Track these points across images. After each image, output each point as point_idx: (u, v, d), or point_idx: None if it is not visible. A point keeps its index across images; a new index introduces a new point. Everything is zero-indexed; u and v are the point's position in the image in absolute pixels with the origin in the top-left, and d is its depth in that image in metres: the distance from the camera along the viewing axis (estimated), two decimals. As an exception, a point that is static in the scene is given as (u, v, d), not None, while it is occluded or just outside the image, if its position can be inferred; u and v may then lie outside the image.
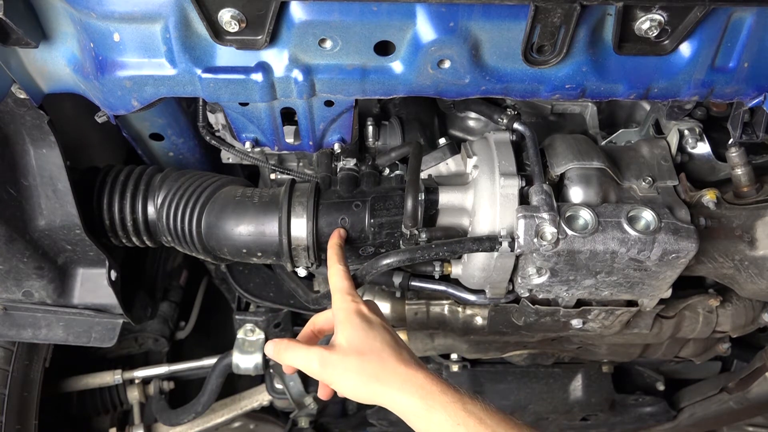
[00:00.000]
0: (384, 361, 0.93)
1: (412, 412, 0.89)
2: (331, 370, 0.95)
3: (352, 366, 0.93)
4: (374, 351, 0.94)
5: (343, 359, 0.94)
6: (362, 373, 0.93)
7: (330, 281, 1.06)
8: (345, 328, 0.97)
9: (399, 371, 0.92)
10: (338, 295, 1.02)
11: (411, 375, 0.91)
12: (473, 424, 0.85)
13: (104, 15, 0.89)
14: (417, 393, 0.89)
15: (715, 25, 0.94)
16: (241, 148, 1.21)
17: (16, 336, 1.26)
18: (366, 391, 0.93)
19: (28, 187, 1.10)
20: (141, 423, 1.91)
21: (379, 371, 0.92)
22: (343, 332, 0.97)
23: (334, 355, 0.95)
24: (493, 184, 1.11)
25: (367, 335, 0.96)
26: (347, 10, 0.89)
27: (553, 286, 1.15)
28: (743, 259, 1.19)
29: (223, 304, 2.01)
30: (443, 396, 0.88)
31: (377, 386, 0.91)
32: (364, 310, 1.00)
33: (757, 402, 1.68)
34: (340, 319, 0.99)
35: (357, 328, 0.97)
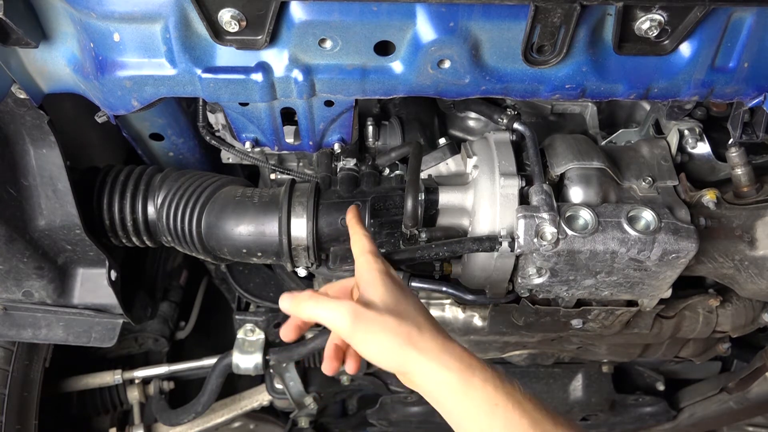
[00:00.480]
0: (421, 327, 0.83)
1: (447, 387, 0.81)
2: (364, 326, 0.82)
3: (388, 325, 0.82)
4: (410, 316, 0.84)
5: (380, 316, 0.83)
6: (399, 335, 0.82)
7: (354, 247, 0.95)
8: (377, 287, 0.86)
9: (437, 341, 0.82)
10: (364, 257, 0.91)
11: (449, 347, 0.82)
12: (511, 407, 0.78)
13: (104, 15, 0.89)
14: (455, 365, 0.80)
15: (715, 25, 0.94)
16: (241, 148, 1.21)
17: (16, 336, 1.26)
18: (399, 355, 0.82)
19: (28, 187, 1.10)
20: (141, 423, 1.91)
21: (416, 336, 0.82)
22: (375, 291, 0.86)
23: (370, 312, 0.83)
24: (493, 184, 1.11)
25: (400, 299, 0.86)
26: (347, 10, 0.89)
27: (553, 286, 1.15)
28: (743, 259, 1.19)
29: (223, 304, 2.01)
30: (482, 373, 0.80)
31: (413, 352, 0.81)
32: (393, 272, 0.91)
33: (757, 402, 1.68)
34: (368, 279, 0.88)
35: (390, 289, 0.86)
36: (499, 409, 0.78)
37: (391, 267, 0.93)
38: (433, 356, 0.81)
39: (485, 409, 0.79)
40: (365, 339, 0.83)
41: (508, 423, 0.78)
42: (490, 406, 0.79)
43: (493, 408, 0.79)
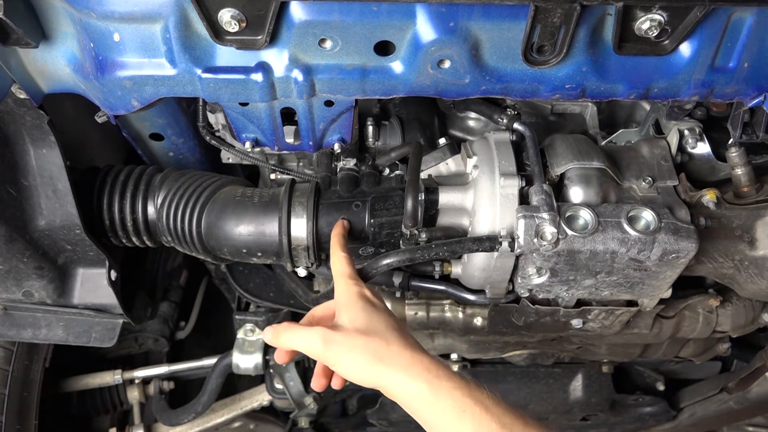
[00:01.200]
0: (389, 342, 0.90)
1: (417, 397, 0.87)
2: (334, 348, 0.91)
3: (357, 345, 0.90)
4: (379, 333, 0.91)
5: (348, 338, 0.91)
6: (367, 353, 0.89)
7: (333, 268, 1.04)
8: (348, 310, 0.95)
9: (404, 354, 0.89)
10: (341, 280, 1.00)
11: (417, 359, 0.89)
12: (478, 412, 0.83)
13: (104, 15, 0.89)
14: (423, 376, 0.87)
15: (715, 25, 0.94)
16: (241, 148, 1.21)
17: (16, 336, 1.26)
18: (370, 372, 0.89)
19: (28, 187, 1.10)
20: (141, 423, 1.91)
21: (384, 352, 0.89)
22: (346, 314, 0.94)
23: (338, 334, 0.92)
24: (493, 184, 1.11)
25: (371, 317, 0.93)
26: (347, 10, 0.89)
27: (553, 286, 1.15)
28: (743, 259, 1.19)
29: (223, 304, 2.01)
30: (449, 381, 0.86)
31: (382, 367, 0.88)
32: (367, 293, 0.98)
33: (757, 402, 1.68)
34: (342, 301, 0.97)
35: (360, 310, 0.94)
36: (467, 414, 0.83)
37: (365, 287, 0.99)
38: (401, 369, 0.88)
39: (454, 415, 0.84)
40: (337, 360, 0.91)
41: (476, 427, 0.83)
42: (458, 412, 0.84)
43: (461, 414, 0.84)
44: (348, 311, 0.95)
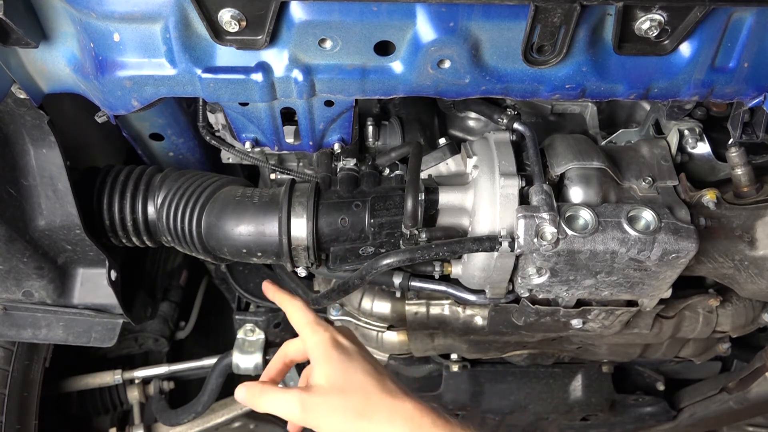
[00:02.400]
0: (368, 394, 0.89)
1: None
2: (314, 413, 0.90)
3: (335, 406, 0.89)
4: (356, 385, 0.90)
5: (326, 400, 0.89)
6: (347, 412, 0.88)
7: (292, 320, 1.02)
8: (322, 365, 0.93)
9: (385, 403, 0.88)
10: (307, 329, 0.98)
11: (398, 406, 0.88)
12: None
13: (104, 15, 0.89)
14: (406, 425, 0.86)
15: (715, 25, 0.94)
16: (241, 148, 1.21)
17: (16, 336, 1.26)
18: (353, 429, 0.88)
19: (28, 187, 1.10)
20: (141, 423, 1.91)
21: (363, 407, 0.88)
22: (321, 370, 0.93)
23: (316, 397, 0.90)
24: (493, 184, 1.11)
25: (347, 369, 0.92)
26: (347, 10, 0.89)
27: (553, 286, 1.15)
28: (743, 259, 1.19)
29: (223, 304, 2.01)
30: (434, 428, 0.86)
31: (364, 423, 0.88)
32: (339, 339, 0.96)
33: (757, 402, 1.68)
34: (316, 356, 0.95)
35: (335, 363, 0.92)
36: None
37: (334, 330, 0.97)
38: (384, 421, 0.87)
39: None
40: (318, 424, 0.90)
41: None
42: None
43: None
44: (323, 367, 0.92)
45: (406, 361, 1.75)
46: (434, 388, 1.87)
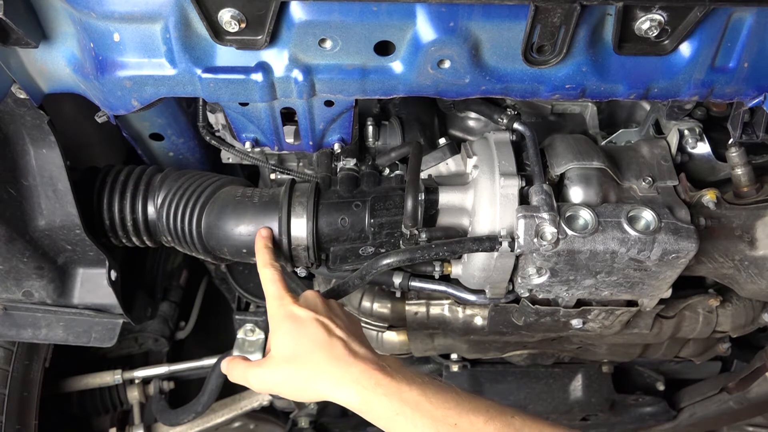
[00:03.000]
0: (315, 363, 0.94)
1: (352, 406, 0.92)
2: (268, 384, 0.98)
3: (286, 375, 0.96)
4: (305, 354, 0.96)
5: (277, 370, 0.97)
6: (298, 379, 0.95)
7: (263, 287, 1.06)
8: (274, 336, 1.00)
9: (331, 370, 0.93)
10: (270, 302, 1.03)
11: (344, 371, 0.93)
12: (410, 412, 0.88)
13: (104, 15, 0.89)
14: (352, 388, 0.91)
15: (715, 25, 0.94)
16: (241, 148, 1.21)
17: (16, 336, 1.26)
18: (307, 393, 0.95)
19: (28, 187, 1.10)
20: (141, 423, 1.91)
21: (312, 374, 0.94)
22: (273, 341, 0.99)
23: (268, 369, 0.98)
24: (493, 184, 1.11)
25: (296, 339, 0.97)
26: (347, 10, 0.89)
27: (553, 286, 1.15)
28: (743, 259, 1.19)
29: (223, 304, 2.01)
30: (378, 388, 0.90)
31: (315, 387, 0.94)
32: (294, 311, 1.00)
33: (757, 402, 1.68)
34: (271, 327, 1.01)
35: (285, 334, 0.98)
36: (400, 417, 0.88)
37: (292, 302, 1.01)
38: (332, 386, 0.93)
39: (389, 418, 0.90)
40: (277, 391, 0.98)
41: (410, 427, 0.88)
42: (391, 415, 0.89)
43: (394, 417, 0.89)
44: (275, 338, 0.99)
45: (406, 361, 1.75)
46: (434, 388, 1.87)
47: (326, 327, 0.98)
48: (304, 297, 1.05)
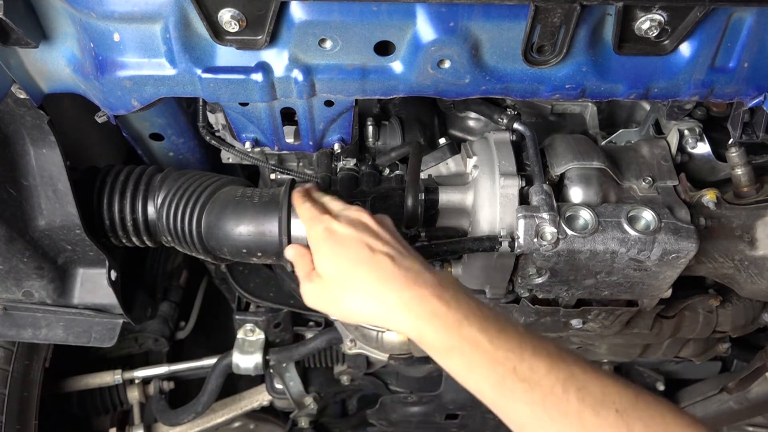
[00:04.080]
0: (360, 284, 0.87)
1: (405, 332, 0.85)
2: (319, 305, 0.92)
3: (333, 298, 0.90)
4: (347, 276, 0.88)
5: (323, 292, 0.91)
6: (346, 303, 0.88)
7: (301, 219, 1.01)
8: (316, 257, 0.92)
9: (379, 292, 0.86)
10: (307, 224, 0.97)
11: (395, 295, 0.85)
12: (468, 349, 0.80)
13: (104, 15, 0.89)
14: (403, 315, 0.84)
15: (715, 25, 0.94)
16: (241, 148, 1.21)
17: (16, 336, 1.26)
18: (359, 318, 0.89)
19: (28, 187, 1.10)
20: (141, 423, 1.91)
21: (359, 297, 0.87)
22: (317, 263, 0.92)
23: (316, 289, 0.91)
24: (493, 184, 1.11)
25: (337, 260, 0.90)
26: (347, 10, 0.89)
27: (553, 286, 1.15)
28: (743, 259, 1.19)
29: (223, 304, 2.01)
30: (434, 319, 0.82)
31: (365, 312, 0.87)
32: (333, 227, 0.92)
33: (757, 402, 1.68)
34: (312, 249, 0.94)
35: (325, 256, 0.91)
36: (456, 352, 0.81)
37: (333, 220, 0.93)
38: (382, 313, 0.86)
39: (442, 352, 0.83)
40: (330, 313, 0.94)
41: (466, 364, 0.81)
42: (446, 349, 0.82)
43: (449, 351, 0.82)
44: (316, 260, 0.92)
45: (406, 361, 1.75)
46: (434, 388, 1.88)
47: (368, 244, 0.89)
48: (345, 213, 0.96)
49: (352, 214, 0.95)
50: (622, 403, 0.76)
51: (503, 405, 0.80)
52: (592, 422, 0.75)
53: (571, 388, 0.77)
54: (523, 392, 0.78)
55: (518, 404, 0.78)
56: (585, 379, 0.78)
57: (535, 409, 0.77)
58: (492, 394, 0.80)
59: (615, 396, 0.77)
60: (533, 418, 0.77)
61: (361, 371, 1.86)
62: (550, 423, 0.76)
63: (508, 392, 0.78)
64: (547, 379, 0.78)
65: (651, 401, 0.77)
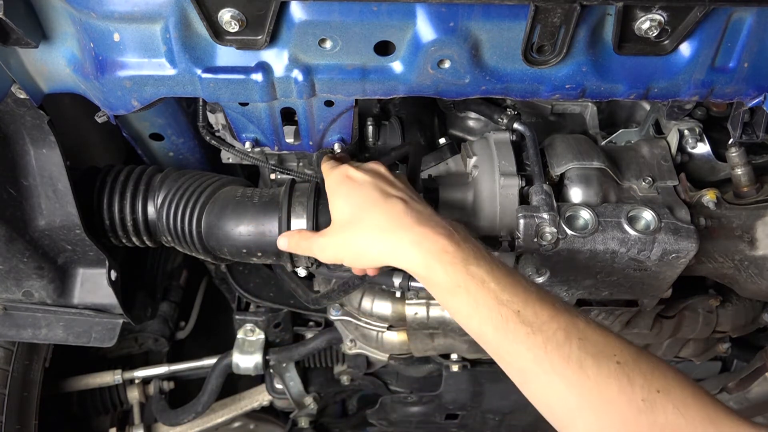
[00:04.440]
0: (373, 222, 0.90)
1: (414, 271, 0.86)
2: (331, 252, 0.95)
3: (346, 239, 0.92)
4: (361, 214, 0.91)
5: (336, 236, 0.94)
6: (357, 242, 0.91)
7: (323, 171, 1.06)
8: (333, 202, 0.97)
9: (391, 229, 0.88)
10: (325, 172, 1.03)
11: (406, 231, 0.87)
12: (474, 288, 0.81)
13: (104, 15, 0.89)
14: (414, 251, 0.85)
15: (715, 25, 0.94)
16: (241, 148, 1.21)
17: (16, 336, 1.26)
18: (368, 257, 0.91)
19: (28, 187, 1.10)
20: (141, 423, 1.91)
21: (371, 235, 0.89)
22: (333, 208, 0.97)
23: (328, 237, 0.95)
24: (493, 184, 1.11)
25: (352, 200, 0.94)
26: (347, 10, 0.89)
27: (553, 286, 1.15)
28: (743, 259, 1.19)
29: (223, 304, 2.01)
30: (444, 255, 0.83)
31: (376, 250, 0.89)
32: (350, 173, 0.97)
33: (757, 402, 1.68)
34: (328, 193, 1.00)
35: (341, 198, 0.95)
36: (462, 290, 0.82)
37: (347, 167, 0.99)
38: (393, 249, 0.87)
39: (448, 289, 0.83)
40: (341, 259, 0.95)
41: (471, 302, 0.81)
42: (452, 287, 0.82)
43: (455, 289, 0.82)
44: (332, 204, 0.97)
45: (406, 361, 1.75)
46: (434, 388, 1.88)
47: (382, 189, 0.93)
48: (363, 165, 1.01)
49: (370, 164, 1.00)
50: (624, 357, 0.76)
51: (505, 348, 0.80)
52: (593, 370, 0.75)
53: (573, 336, 0.77)
54: (526, 336, 0.77)
55: (520, 347, 0.78)
56: (587, 330, 0.78)
57: (537, 353, 0.77)
58: (494, 336, 0.80)
59: (617, 349, 0.77)
60: (534, 363, 0.77)
61: (361, 371, 1.86)
62: (551, 368, 0.76)
63: (511, 335, 0.78)
64: (549, 325, 0.78)
65: (653, 359, 0.77)
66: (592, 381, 0.74)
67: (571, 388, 0.75)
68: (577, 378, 0.75)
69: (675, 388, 0.74)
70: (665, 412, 0.72)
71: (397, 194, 0.93)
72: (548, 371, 0.76)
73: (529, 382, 0.79)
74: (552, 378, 0.76)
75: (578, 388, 0.75)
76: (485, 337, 0.81)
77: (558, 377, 0.76)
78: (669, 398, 0.73)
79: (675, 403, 0.73)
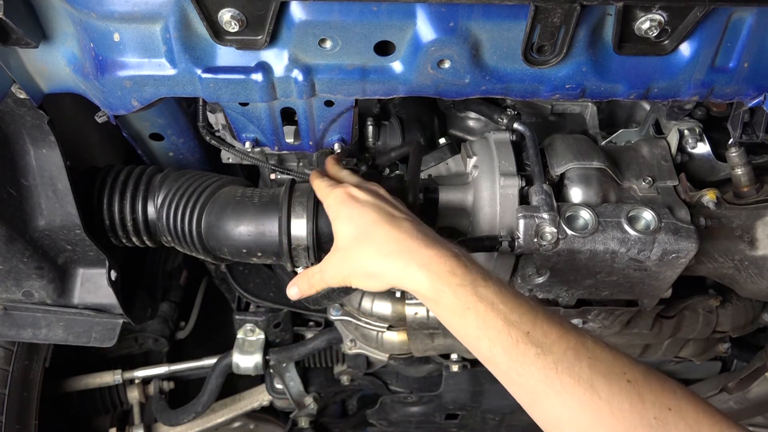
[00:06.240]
0: (381, 241, 0.89)
1: (421, 294, 0.86)
2: (342, 274, 0.94)
3: (355, 260, 0.91)
4: (368, 234, 0.90)
5: (344, 258, 0.93)
6: (366, 262, 0.89)
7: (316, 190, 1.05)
8: (336, 224, 0.96)
9: (399, 249, 0.87)
10: (322, 194, 1.02)
11: (414, 253, 0.86)
12: (483, 309, 0.80)
13: (104, 15, 0.89)
14: (422, 273, 0.84)
15: (715, 25, 0.94)
16: (241, 148, 1.21)
17: (16, 336, 1.26)
18: (378, 279, 0.90)
19: (28, 187, 1.10)
20: (141, 423, 1.91)
21: (379, 255, 0.88)
22: (336, 230, 0.96)
23: (336, 260, 0.94)
24: (494, 184, 1.11)
25: (357, 221, 0.92)
26: (347, 10, 0.89)
27: (553, 286, 1.15)
28: (743, 259, 1.19)
29: (223, 304, 2.01)
30: (453, 277, 0.83)
31: (384, 271, 0.88)
32: (352, 193, 0.96)
33: (757, 402, 1.68)
34: (330, 215, 0.99)
35: (345, 220, 0.94)
36: (471, 312, 0.81)
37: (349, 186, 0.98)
38: (401, 271, 0.86)
39: (457, 312, 0.82)
40: (351, 281, 0.93)
41: (480, 325, 0.81)
42: (461, 309, 0.82)
43: (464, 311, 0.82)
44: (335, 225, 0.96)
45: (406, 361, 1.75)
46: (434, 388, 1.88)
47: (386, 210, 0.93)
48: (364, 184, 1.01)
49: (371, 185, 0.99)
50: (634, 375, 0.76)
51: (515, 369, 0.79)
52: (604, 389, 0.75)
53: (583, 356, 0.77)
54: (536, 356, 0.77)
55: (531, 368, 0.78)
56: (596, 350, 0.78)
57: (548, 374, 0.77)
58: (504, 358, 0.80)
59: (626, 368, 0.77)
60: (545, 383, 0.77)
61: (361, 371, 1.86)
62: (562, 388, 0.76)
63: (521, 356, 0.78)
64: (558, 346, 0.78)
65: (662, 377, 0.77)
66: (603, 400, 0.74)
67: (583, 408, 0.75)
68: (588, 397, 0.75)
69: (686, 406, 0.74)
70: (677, 430, 0.73)
71: (402, 216, 0.92)
72: (559, 391, 0.76)
73: (540, 403, 0.79)
74: (563, 398, 0.76)
75: (590, 408, 0.75)
76: (495, 359, 0.81)
77: (569, 397, 0.76)
78: (681, 415, 0.73)
79: (687, 421, 0.73)
